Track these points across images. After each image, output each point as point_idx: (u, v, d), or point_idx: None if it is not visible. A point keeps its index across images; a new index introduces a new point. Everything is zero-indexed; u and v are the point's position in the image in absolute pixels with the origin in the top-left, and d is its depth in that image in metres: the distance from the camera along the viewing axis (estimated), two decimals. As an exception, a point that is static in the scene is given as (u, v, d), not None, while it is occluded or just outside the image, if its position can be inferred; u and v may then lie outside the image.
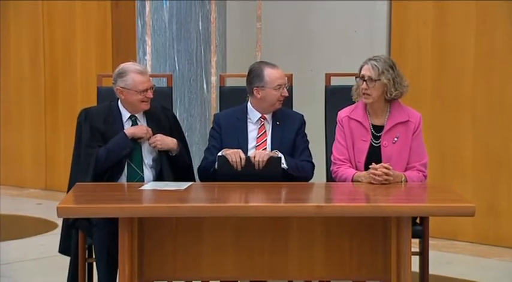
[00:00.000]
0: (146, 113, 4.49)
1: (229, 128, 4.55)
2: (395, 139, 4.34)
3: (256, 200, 4.11)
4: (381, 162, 4.27)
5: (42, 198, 8.30)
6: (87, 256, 4.37)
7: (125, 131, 4.39)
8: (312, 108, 5.19)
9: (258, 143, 4.52)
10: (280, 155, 4.41)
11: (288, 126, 4.55)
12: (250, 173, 4.30)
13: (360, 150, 4.38)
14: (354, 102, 4.46)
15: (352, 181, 4.30)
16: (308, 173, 4.53)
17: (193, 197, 4.13)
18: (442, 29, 6.40)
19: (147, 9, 5.88)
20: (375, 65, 4.29)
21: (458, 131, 6.40)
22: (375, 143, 4.37)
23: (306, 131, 4.60)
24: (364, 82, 4.30)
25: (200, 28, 5.86)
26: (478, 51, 6.25)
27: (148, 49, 5.89)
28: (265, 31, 6.50)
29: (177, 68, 5.85)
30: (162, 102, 4.69)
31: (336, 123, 4.47)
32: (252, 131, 4.56)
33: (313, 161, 4.57)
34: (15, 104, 8.85)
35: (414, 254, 4.08)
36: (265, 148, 4.50)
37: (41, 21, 8.58)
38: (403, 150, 4.34)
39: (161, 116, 4.54)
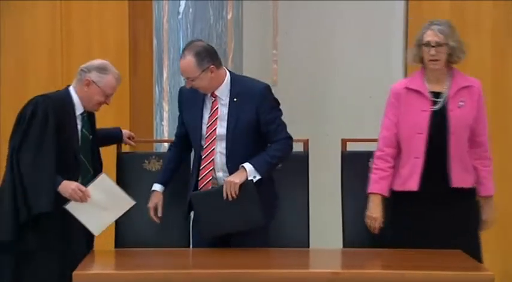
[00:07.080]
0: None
1: (188, 103, 4.21)
2: (461, 103, 4.28)
3: (267, 266, 3.88)
4: (446, 127, 4.21)
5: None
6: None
7: (60, 185, 4.09)
8: (328, 174, 5.13)
9: (209, 123, 4.13)
10: (253, 176, 4.01)
11: (246, 103, 4.08)
12: (226, 204, 3.99)
13: (418, 123, 4.22)
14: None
15: (369, 193, 4.22)
16: (286, 153, 4.13)
17: (196, 262, 4.06)
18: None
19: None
20: (441, 29, 4.28)
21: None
22: (436, 109, 4.27)
23: (274, 99, 4.14)
24: (433, 48, 4.24)
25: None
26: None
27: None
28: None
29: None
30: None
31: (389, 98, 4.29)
32: (208, 109, 4.16)
33: (329, 224, 4.45)
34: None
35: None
36: (216, 128, 4.11)
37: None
38: (468, 115, 4.28)
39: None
